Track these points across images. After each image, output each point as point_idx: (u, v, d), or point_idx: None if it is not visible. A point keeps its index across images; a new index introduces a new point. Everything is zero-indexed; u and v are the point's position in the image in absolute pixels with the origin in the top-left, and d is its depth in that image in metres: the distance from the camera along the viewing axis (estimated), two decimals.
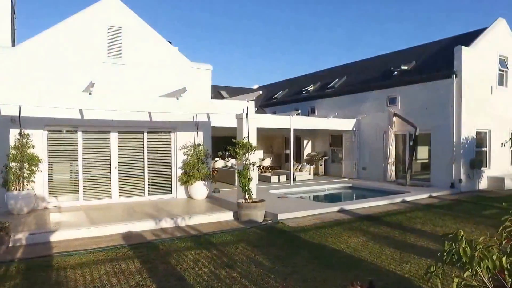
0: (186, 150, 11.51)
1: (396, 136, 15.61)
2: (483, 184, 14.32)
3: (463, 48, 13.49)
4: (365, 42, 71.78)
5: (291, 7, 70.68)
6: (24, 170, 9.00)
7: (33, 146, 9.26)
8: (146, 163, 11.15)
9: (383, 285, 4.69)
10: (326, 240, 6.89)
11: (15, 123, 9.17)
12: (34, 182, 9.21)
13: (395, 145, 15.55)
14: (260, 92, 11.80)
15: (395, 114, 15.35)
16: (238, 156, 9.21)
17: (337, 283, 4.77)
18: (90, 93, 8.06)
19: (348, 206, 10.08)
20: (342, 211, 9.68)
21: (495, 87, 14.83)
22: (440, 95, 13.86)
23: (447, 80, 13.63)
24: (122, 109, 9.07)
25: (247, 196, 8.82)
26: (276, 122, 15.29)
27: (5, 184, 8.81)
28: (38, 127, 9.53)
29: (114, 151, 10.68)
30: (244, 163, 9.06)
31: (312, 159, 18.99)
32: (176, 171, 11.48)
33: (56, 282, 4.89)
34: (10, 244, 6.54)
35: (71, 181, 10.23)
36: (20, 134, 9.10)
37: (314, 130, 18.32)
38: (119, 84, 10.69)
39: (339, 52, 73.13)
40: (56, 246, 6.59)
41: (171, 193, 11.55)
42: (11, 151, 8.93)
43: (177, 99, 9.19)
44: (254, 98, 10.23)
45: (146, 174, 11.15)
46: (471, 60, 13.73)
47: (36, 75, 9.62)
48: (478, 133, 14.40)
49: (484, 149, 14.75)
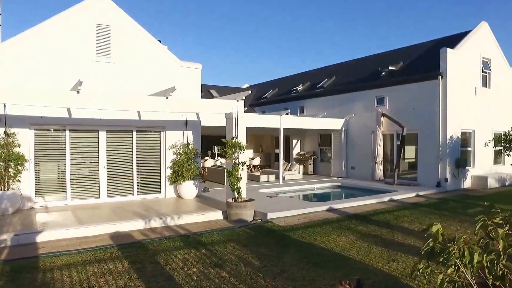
0: (175, 149, 11.46)
1: (384, 135, 15.83)
2: (467, 183, 14.63)
3: (449, 50, 13.74)
4: (354, 43, 72.42)
5: (280, 7, 70.88)
6: (10, 169, 8.84)
7: (19, 145, 9.10)
8: (135, 162, 11.07)
9: (370, 283, 4.77)
10: (315, 239, 6.96)
11: (0, 121, 9.00)
12: (20, 181, 9.06)
13: (383, 144, 15.76)
14: (250, 91, 11.85)
15: (383, 114, 15.56)
16: (227, 156, 9.22)
17: (325, 282, 4.82)
18: (78, 91, 7.97)
19: (337, 205, 10.18)
20: (331, 210, 9.78)
21: (479, 88, 15.16)
22: (427, 96, 14.10)
23: (433, 81, 13.88)
24: (111, 108, 8.98)
25: (236, 196, 8.84)
26: (266, 121, 15.33)
27: None
28: (24, 125, 9.37)
29: (103, 150, 10.57)
30: (233, 162, 9.07)
31: (302, 159, 19.10)
32: (165, 170, 11.43)
33: (42, 283, 4.83)
34: None
35: (58, 180, 10.09)
36: (5, 133, 8.94)
37: (304, 129, 18.44)
38: (107, 82, 10.59)
39: (329, 52, 73.64)
40: (43, 246, 6.50)
41: (160, 192, 11.50)
42: None
43: (166, 98, 9.15)
44: (244, 98, 10.24)
45: (135, 174, 11.07)
46: (456, 61, 14.00)
47: (22, 73, 9.45)
48: (463, 133, 14.70)
49: (468, 148, 15.06)
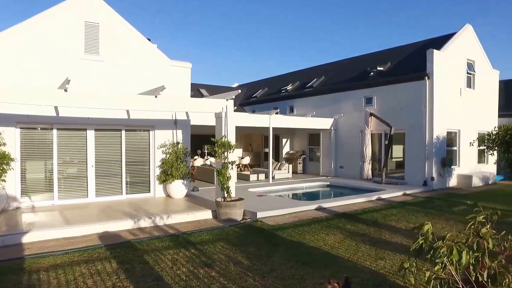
0: (164, 149, 11.40)
1: (372, 135, 16.01)
2: (453, 182, 14.91)
3: (435, 51, 13.97)
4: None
5: (271, 6, 70.88)
6: None
7: (4, 144, 8.94)
8: (124, 162, 10.97)
9: (359, 281, 4.83)
10: (304, 238, 7.01)
11: None
12: (5, 181, 8.90)
13: (371, 144, 15.94)
14: (240, 90, 11.85)
15: (371, 114, 15.73)
16: (217, 155, 9.21)
17: (314, 281, 4.87)
18: (65, 90, 7.86)
19: (326, 204, 10.27)
20: (320, 209, 9.86)
21: (464, 89, 15.45)
22: (414, 96, 14.31)
23: (420, 82, 14.09)
24: (99, 106, 8.87)
25: (226, 195, 8.84)
26: (255, 120, 15.36)
27: None
28: (10, 124, 9.20)
29: (91, 149, 10.45)
30: (223, 161, 9.07)
31: (291, 158, 19.19)
32: (154, 169, 11.36)
33: (28, 285, 4.77)
34: None
35: (45, 180, 9.94)
36: None
37: (293, 129, 18.53)
38: (96, 81, 10.45)
39: (318, 51, 74.00)
40: (29, 247, 6.41)
41: (149, 191, 11.43)
42: None
43: (155, 97, 9.09)
44: (234, 97, 10.24)
45: (124, 173, 10.98)
46: (442, 63, 14.25)
47: (7, 70, 9.26)
48: (449, 133, 14.97)
49: (454, 148, 15.34)
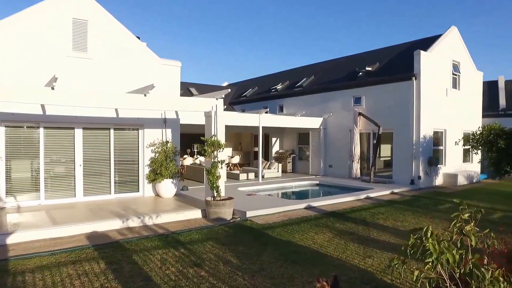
0: (154, 148, 11.32)
1: (361, 134, 16.17)
2: (439, 180, 15.18)
3: (422, 52, 14.18)
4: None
5: (261, 5, 70.84)
6: None
7: None
8: (112, 161, 10.85)
9: (347, 279, 4.89)
10: (293, 237, 7.06)
11: None
12: None
13: (360, 143, 16.11)
14: (229, 90, 11.83)
15: (360, 113, 15.89)
16: (206, 154, 9.18)
17: (304, 279, 4.92)
18: (52, 87, 7.74)
19: (315, 203, 10.35)
20: (309, 208, 9.93)
21: (450, 89, 15.73)
22: (401, 96, 14.51)
23: (407, 82, 14.29)
24: (87, 105, 8.76)
25: (215, 194, 8.84)
26: (245, 120, 15.36)
27: None
28: None
29: (79, 148, 10.31)
30: (212, 160, 9.05)
31: (281, 157, 19.26)
32: (143, 168, 11.27)
33: (12, 287, 4.68)
34: None
35: (31, 179, 9.77)
36: None
37: (283, 128, 18.59)
38: (84, 79, 10.31)
39: (308, 51, 74.26)
40: (14, 249, 6.29)
41: (139, 191, 11.34)
42: None
43: (145, 95, 9.03)
44: (223, 96, 10.23)
45: (113, 172, 10.86)
46: (429, 63, 14.48)
47: None
48: (435, 132, 15.22)
49: (440, 147, 15.61)
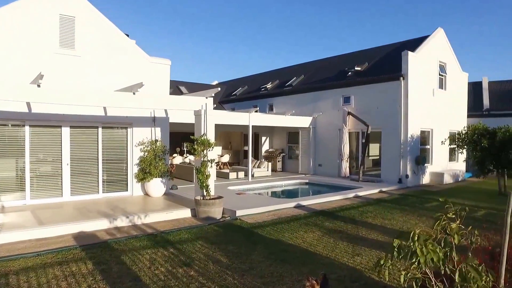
0: (143, 146, 11.22)
1: (350, 133, 16.31)
2: (426, 179, 15.41)
3: (410, 53, 14.37)
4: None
5: (252, 4, 70.75)
6: None
7: None
8: (100, 159, 10.71)
9: (336, 277, 4.93)
10: (283, 236, 7.08)
11: None
12: None
13: (349, 142, 16.25)
14: (219, 88, 11.81)
15: (349, 113, 16.02)
16: (196, 153, 9.14)
17: (293, 278, 4.94)
18: (38, 85, 7.60)
19: (305, 202, 10.40)
20: (298, 206, 9.98)
21: (436, 90, 15.99)
22: (390, 96, 14.68)
23: (395, 82, 14.46)
24: (75, 103, 8.61)
25: (205, 193, 8.81)
26: (235, 118, 15.34)
27: None
28: None
29: (66, 146, 10.14)
30: (202, 159, 9.02)
31: (270, 156, 19.29)
32: (132, 167, 11.16)
33: None
34: None
35: (16, 178, 9.57)
36: None
37: (272, 127, 18.62)
38: (72, 76, 10.14)
39: (299, 50, 74.50)
40: None
41: (127, 190, 11.22)
42: None
43: (133, 93, 8.94)
44: (213, 95, 10.19)
45: (101, 171, 10.73)
46: (416, 64, 14.68)
47: None
48: (422, 132, 15.45)
49: (427, 146, 15.85)
